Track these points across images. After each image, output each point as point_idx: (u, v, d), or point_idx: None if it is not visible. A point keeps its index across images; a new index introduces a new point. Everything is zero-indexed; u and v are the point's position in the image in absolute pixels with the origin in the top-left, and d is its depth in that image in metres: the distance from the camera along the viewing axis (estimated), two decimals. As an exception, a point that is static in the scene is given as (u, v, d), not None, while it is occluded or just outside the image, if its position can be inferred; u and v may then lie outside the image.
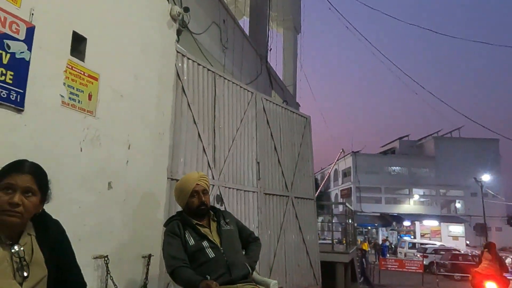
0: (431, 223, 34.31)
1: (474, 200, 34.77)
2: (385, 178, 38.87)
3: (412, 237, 32.34)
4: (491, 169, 34.60)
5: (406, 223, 34.87)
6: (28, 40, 2.23)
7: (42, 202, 1.51)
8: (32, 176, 1.44)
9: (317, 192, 20.51)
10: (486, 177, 29.58)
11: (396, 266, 12.95)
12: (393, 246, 28.67)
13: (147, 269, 3.06)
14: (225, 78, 4.61)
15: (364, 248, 26.44)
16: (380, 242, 28.21)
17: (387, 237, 32.62)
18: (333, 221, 11.32)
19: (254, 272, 2.60)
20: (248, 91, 5.02)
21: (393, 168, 40.19)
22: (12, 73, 2.12)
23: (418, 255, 19.10)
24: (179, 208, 2.64)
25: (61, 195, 2.28)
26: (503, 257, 12.09)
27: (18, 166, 1.45)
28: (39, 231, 1.52)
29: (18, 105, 2.15)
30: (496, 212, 35.75)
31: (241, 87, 4.89)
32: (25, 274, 1.38)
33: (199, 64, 4.17)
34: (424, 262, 13.58)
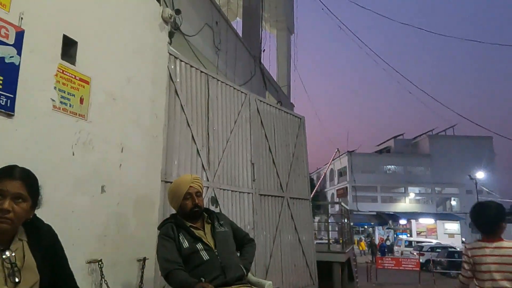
0: (427, 221, 34.48)
1: (469, 198, 34.92)
2: (381, 177, 38.99)
3: (408, 235, 32.46)
4: (486, 166, 34.83)
5: (402, 221, 35.01)
6: (18, 44, 2.21)
7: (33, 208, 1.50)
8: (22, 182, 1.44)
9: (313, 192, 20.54)
10: (480, 175, 29.78)
11: (393, 265, 12.99)
12: (388, 245, 28.74)
13: (142, 272, 3.05)
14: (218, 80, 4.61)
15: (361, 248, 26.49)
16: (377, 241, 28.22)
17: (388, 236, 32.55)
18: (329, 221, 11.36)
19: (249, 274, 2.60)
20: (242, 92, 5.02)
21: (389, 167, 40.35)
22: (1, 78, 2.11)
23: (415, 253, 19.18)
24: (173, 211, 2.64)
25: (53, 200, 2.27)
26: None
27: (8, 172, 1.44)
28: (31, 236, 1.51)
29: (8, 110, 2.14)
30: (491, 209, 35.91)
31: (234, 88, 4.88)
32: (17, 279, 1.38)
33: (192, 66, 4.16)
34: (421, 260, 13.63)
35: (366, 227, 36.44)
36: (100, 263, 2.64)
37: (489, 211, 2.45)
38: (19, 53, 2.22)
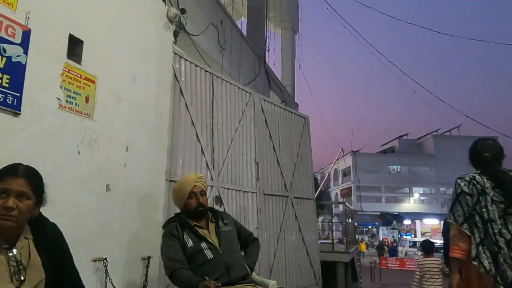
0: (432, 222, 34.30)
1: (474, 198, 34.62)
2: (385, 177, 38.86)
3: (413, 235, 32.32)
4: (491, 167, 34.48)
5: (407, 221, 34.88)
6: (24, 43, 2.22)
7: (37, 206, 1.51)
8: (26, 180, 1.45)
9: (317, 192, 20.51)
10: (486, 175, 29.51)
11: (397, 265, 12.93)
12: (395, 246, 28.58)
13: (147, 271, 3.06)
14: (223, 79, 4.61)
15: (361, 249, 26.31)
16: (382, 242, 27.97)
17: (393, 237, 32.18)
18: (333, 221, 11.33)
19: (253, 273, 2.60)
20: (246, 91, 5.02)
21: (393, 167, 40.20)
22: (8, 76, 2.12)
23: (419, 254, 19.07)
24: (178, 210, 2.64)
25: (59, 198, 2.28)
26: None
27: (12, 170, 1.45)
28: (37, 234, 1.52)
29: (15, 108, 2.15)
30: (496, 210, 35.67)
31: (239, 87, 4.88)
32: (22, 277, 1.38)
33: (196, 66, 4.17)
34: (425, 261, 13.53)
35: (370, 227, 36.30)
36: (105, 261, 2.65)
37: (428, 243, 4.80)
38: (26, 52, 2.23)
